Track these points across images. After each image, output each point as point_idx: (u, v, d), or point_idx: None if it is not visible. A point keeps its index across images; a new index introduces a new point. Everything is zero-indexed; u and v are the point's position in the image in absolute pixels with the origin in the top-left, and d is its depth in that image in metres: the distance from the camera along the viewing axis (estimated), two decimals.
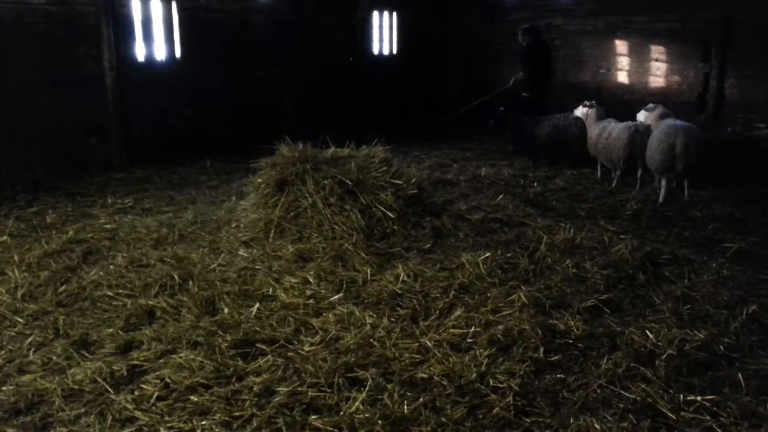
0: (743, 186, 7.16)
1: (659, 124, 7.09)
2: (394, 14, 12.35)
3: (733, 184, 7.24)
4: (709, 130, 9.71)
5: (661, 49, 10.26)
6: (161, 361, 3.44)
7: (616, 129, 7.32)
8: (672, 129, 6.62)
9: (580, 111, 8.16)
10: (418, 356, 3.44)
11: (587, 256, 4.86)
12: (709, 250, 5.17)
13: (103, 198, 6.90)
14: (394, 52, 12.54)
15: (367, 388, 3.13)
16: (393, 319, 3.88)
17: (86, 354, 3.55)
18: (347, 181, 5.47)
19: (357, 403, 3.00)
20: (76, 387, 3.19)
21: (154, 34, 8.96)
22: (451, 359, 3.38)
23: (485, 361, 3.34)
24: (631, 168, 7.26)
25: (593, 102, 8.15)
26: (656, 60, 10.35)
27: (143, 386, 3.18)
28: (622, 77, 10.83)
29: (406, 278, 4.41)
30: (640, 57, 10.56)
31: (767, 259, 5.00)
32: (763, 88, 9.20)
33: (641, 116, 7.66)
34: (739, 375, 3.25)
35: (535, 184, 7.51)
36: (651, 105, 7.72)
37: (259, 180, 5.83)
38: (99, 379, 3.24)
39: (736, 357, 3.45)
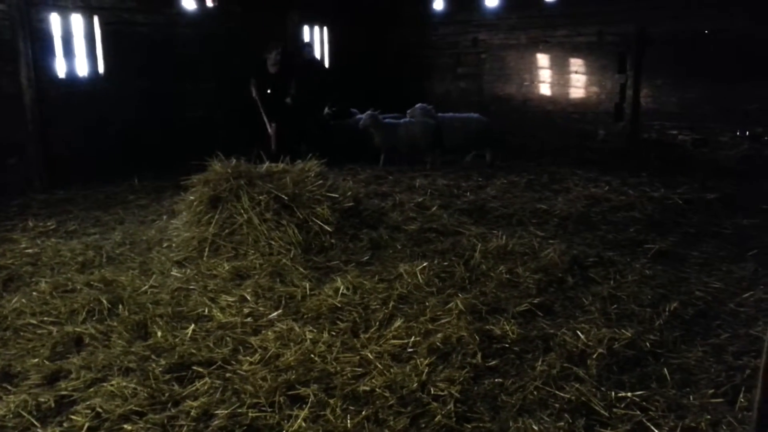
0: (660, 190, 7.57)
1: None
2: (325, 29, 12.39)
3: (651, 189, 7.65)
4: (628, 136, 10.27)
5: (580, 61, 10.76)
6: (91, 390, 3.28)
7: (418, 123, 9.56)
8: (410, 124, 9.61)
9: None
10: (360, 369, 3.44)
11: (519, 262, 5.00)
12: (632, 252, 5.43)
13: (23, 221, 6.55)
14: (326, 66, 12.56)
15: (309, 404, 3.10)
16: (333, 333, 3.87)
17: (9, 387, 3.35)
18: (283, 196, 5.43)
19: (299, 420, 2.97)
20: None
21: (76, 49, 8.63)
22: (392, 370, 3.40)
23: (426, 370, 3.37)
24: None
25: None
26: (576, 72, 10.84)
27: (73, 417, 3.03)
28: (545, 89, 11.27)
29: (345, 291, 4.41)
30: (561, 69, 11.03)
31: (686, 258, 5.30)
32: (676, 96, 9.80)
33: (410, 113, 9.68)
34: (665, 369, 3.41)
35: (468, 193, 7.68)
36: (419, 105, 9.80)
37: (192, 197, 5.70)
38: (24, 413, 3.06)
39: (661, 352, 3.62)
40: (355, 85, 12.48)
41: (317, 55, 10.75)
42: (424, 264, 4.85)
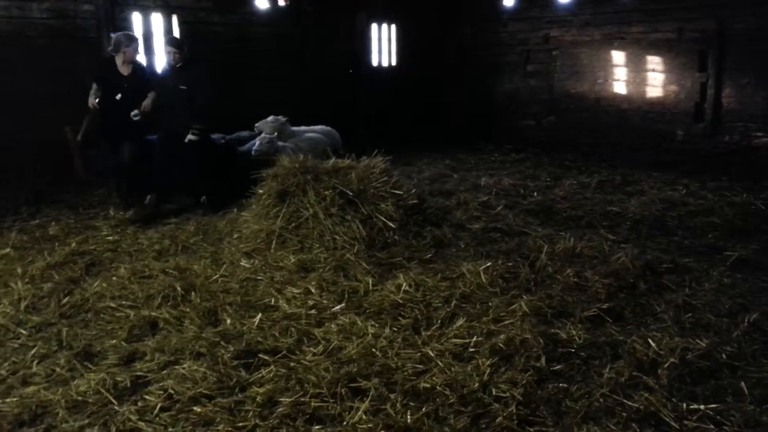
0: (742, 195, 7.18)
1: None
2: (393, 27, 12.44)
3: (732, 193, 7.26)
4: (708, 138, 9.79)
5: (657, 59, 10.34)
6: (164, 372, 3.44)
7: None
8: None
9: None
10: (421, 366, 3.44)
11: (588, 265, 4.87)
12: (710, 259, 5.18)
13: (105, 210, 6.92)
14: (393, 63, 12.62)
15: (370, 398, 3.13)
16: (395, 329, 3.89)
17: (89, 365, 3.56)
18: (348, 192, 5.50)
19: (360, 413, 3.00)
20: (79, 398, 3.19)
21: (155, 47, 9.03)
22: (453, 369, 3.38)
23: (487, 371, 3.34)
24: None
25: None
26: (653, 70, 10.42)
27: (147, 397, 3.19)
28: (620, 87, 10.89)
29: (407, 288, 4.42)
30: (637, 67, 10.63)
31: None
32: (760, 96, 9.26)
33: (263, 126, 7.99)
34: (742, 383, 3.24)
35: (535, 193, 7.54)
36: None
37: (261, 191, 5.86)
38: (102, 390, 3.24)
39: (739, 365, 3.44)
40: (421, 83, 12.51)
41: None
42: (488, 264, 4.79)
